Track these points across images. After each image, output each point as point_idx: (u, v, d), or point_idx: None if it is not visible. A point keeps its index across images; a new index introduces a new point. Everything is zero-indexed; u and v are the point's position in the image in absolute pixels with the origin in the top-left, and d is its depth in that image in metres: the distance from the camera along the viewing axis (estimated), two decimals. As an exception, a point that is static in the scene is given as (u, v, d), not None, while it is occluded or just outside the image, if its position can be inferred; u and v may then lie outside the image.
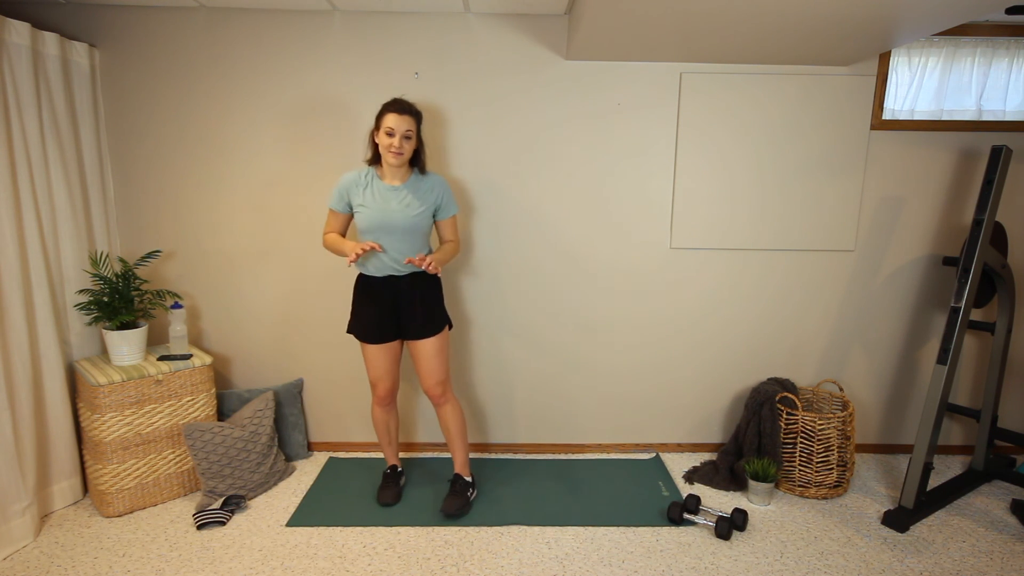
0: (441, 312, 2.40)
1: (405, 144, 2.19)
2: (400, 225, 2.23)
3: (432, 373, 2.38)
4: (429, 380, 2.39)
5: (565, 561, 2.15)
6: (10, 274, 2.21)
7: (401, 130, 2.17)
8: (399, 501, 2.52)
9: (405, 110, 2.18)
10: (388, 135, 2.17)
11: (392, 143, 2.17)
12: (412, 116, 2.20)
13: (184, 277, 2.81)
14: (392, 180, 2.28)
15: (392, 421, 2.54)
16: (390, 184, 2.27)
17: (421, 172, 2.33)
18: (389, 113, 2.17)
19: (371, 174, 2.30)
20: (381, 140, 2.20)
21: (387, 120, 2.17)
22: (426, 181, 2.32)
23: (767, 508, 2.53)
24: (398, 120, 2.16)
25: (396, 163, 2.22)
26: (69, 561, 2.13)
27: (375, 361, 2.39)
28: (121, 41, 2.61)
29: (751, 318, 2.92)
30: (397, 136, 2.17)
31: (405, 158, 2.22)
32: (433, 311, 2.36)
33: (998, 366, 2.68)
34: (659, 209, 2.81)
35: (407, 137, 2.19)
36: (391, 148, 2.18)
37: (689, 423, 3.02)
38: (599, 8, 1.97)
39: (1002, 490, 2.71)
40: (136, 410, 2.40)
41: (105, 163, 2.68)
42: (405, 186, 2.28)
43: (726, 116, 2.73)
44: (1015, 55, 2.74)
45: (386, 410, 2.50)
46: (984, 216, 2.35)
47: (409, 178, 2.30)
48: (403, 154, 2.20)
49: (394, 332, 2.36)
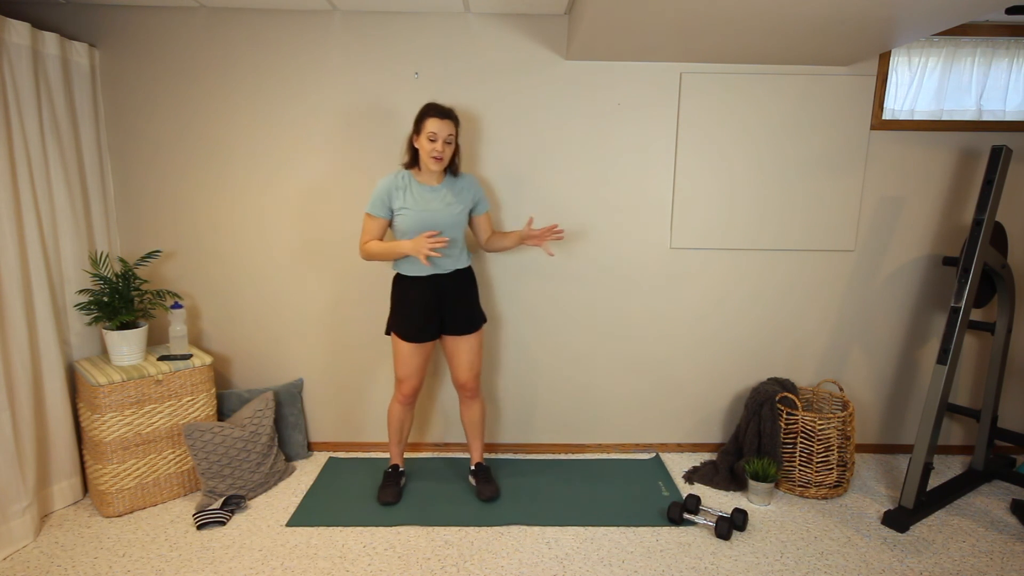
0: (479, 309, 2.50)
1: (446, 149, 2.25)
2: (444, 224, 2.30)
3: (471, 367, 2.49)
4: (467, 374, 2.49)
5: (565, 561, 2.15)
6: (10, 274, 2.21)
7: (443, 135, 2.23)
8: (399, 501, 2.52)
9: (446, 115, 2.24)
10: (430, 140, 2.22)
11: (435, 148, 2.22)
12: (452, 120, 2.26)
13: (184, 277, 2.82)
14: (429, 181, 2.34)
15: (408, 420, 2.58)
16: (428, 185, 2.33)
17: (454, 174, 2.39)
18: (431, 118, 2.22)
19: (407, 176, 2.34)
20: (423, 145, 2.25)
21: (429, 125, 2.22)
22: (460, 181, 2.40)
23: (767, 508, 2.53)
24: (440, 125, 2.22)
25: (437, 168, 2.27)
26: (69, 561, 2.13)
27: (409, 359, 2.43)
28: (121, 41, 2.61)
29: (751, 318, 2.92)
30: (439, 141, 2.23)
31: (445, 162, 2.28)
32: (473, 308, 2.45)
33: (998, 366, 2.68)
34: (659, 209, 2.81)
35: (448, 142, 2.25)
36: (433, 153, 2.23)
37: (689, 423, 3.02)
38: (599, 8, 1.97)
39: (1002, 490, 2.71)
40: (136, 410, 2.40)
41: (105, 163, 2.69)
42: (443, 186, 2.35)
43: (726, 116, 2.73)
44: (1015, 55, 2.74)
45: (406, 408, 2.54)
46: (984, 216, 2.35)
47: (444, 179, 2.37)
48: (444, 159, 2.26)
49: (436, 331, 2.42)
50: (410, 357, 2.43)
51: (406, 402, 2.52)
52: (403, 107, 2.69)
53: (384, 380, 2.93)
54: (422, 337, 2.40)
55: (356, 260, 2.81)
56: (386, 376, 2.93)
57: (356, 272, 2.82)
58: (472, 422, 2.60)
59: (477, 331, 2.47)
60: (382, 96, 2.68)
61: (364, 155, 2.72)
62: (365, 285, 2.83)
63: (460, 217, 2.35)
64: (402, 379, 2.47)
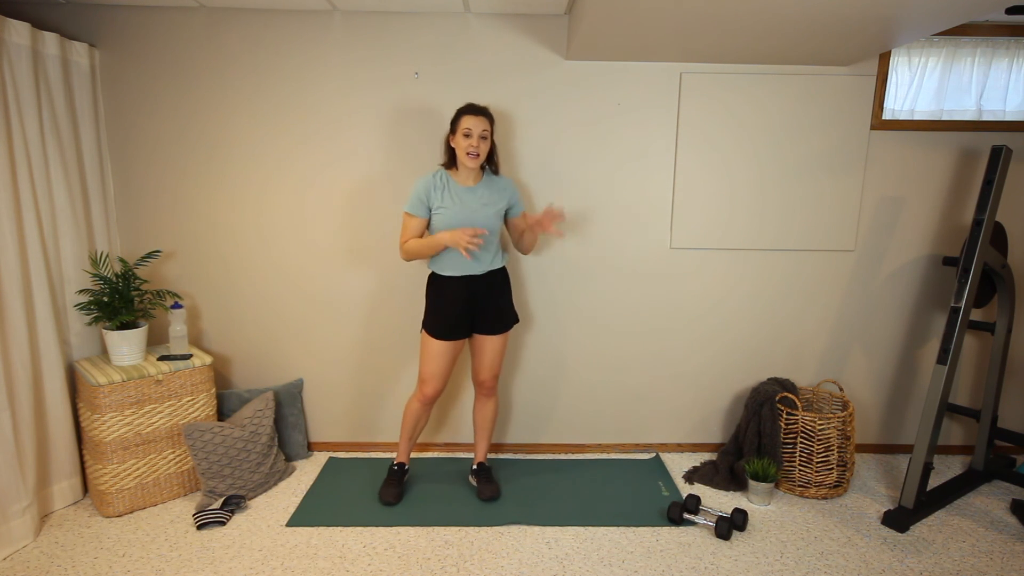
0: (512, 309, 2.50)
1: (481, 145, 2.27)
2: (481, 224, 2.31)
3: (493, 366, 2.51)
4: (488, 372, 2.51)
5: (565, 561, 2.15)
6: (10, 274, 2.21)
7: (478, 130, 2.25)
8: (400, 501, 2.52)
9: (481, 112, 2.28)
10: (465, 136, 2.25)
11: (471, 143, 2.24)
12: (487, 118, 2.29)
13: (184, 277, 2.82)
14: (466, 181, 2.35)
15: (423, 421, 2.57)
16: (465, 185, 2.34)
17: (494, 173, 2.41)
18: (466, 115, 2.26)
19: (444, 176, 2.35)
20: (458, 142, 2.27)
21: (464, 122, 2.26)
22: (499, 181, 2.41)
23: (767, 508, 2.53)
24: (475, 121, 2.25)
25: (473, 164, 2.28)
26: (69, 561, 2.13)
27: (437, 358, 2.42)
28: (121, 41, 2.61)
29: (751, 318, 2.92)
30: (474, 136, 2.25)
31: (482, 159, 2.30)
32: (506, 308, 2.46)
33: (998, 366, 2.68)
34: (659, 209, 2.81)
35: (483, 137, 2.27)
36: (468, 149, 2.24)
37: (689, 423, 3.02)
38: (599, 8, 1.97)
39: (1002, 490, 2.71)
40: (136, 410, 2.40)
41: (105, 163, 2.69)
42: (480, 186, 2.36)
43: (726, 116, 2.73)
44: (1015, 55, 2.74)
45: (425, 408, 2.53)
46: (984, 216, 2.35)
47: (482, 179, 2.38)
48: (480, 155, 2.27)
49: (467, 329, 2.43)
50: (438, 356, 2.42)
51: (426, 401, 2.49)
52: (403, 107, 2.69)
53: (384, 380, 2.94)
54: (453, 335, 2.40)
55: (356, 260, 2.81)
56: (386, 376, 2.93)
57: (357, 271, 2.82)
58: (483, 419, 2.60)
59: (506, 331, 2.47)
60: (382, 96, 2.68)
61: (364, 155, 2.72)
62: (366, 284, 2.83)
63: (496, 218, 2.35)
64: (425, 379, 2.44)
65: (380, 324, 2.87)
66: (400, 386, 2.94)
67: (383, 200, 2.76)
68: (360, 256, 2.81)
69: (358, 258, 2.81)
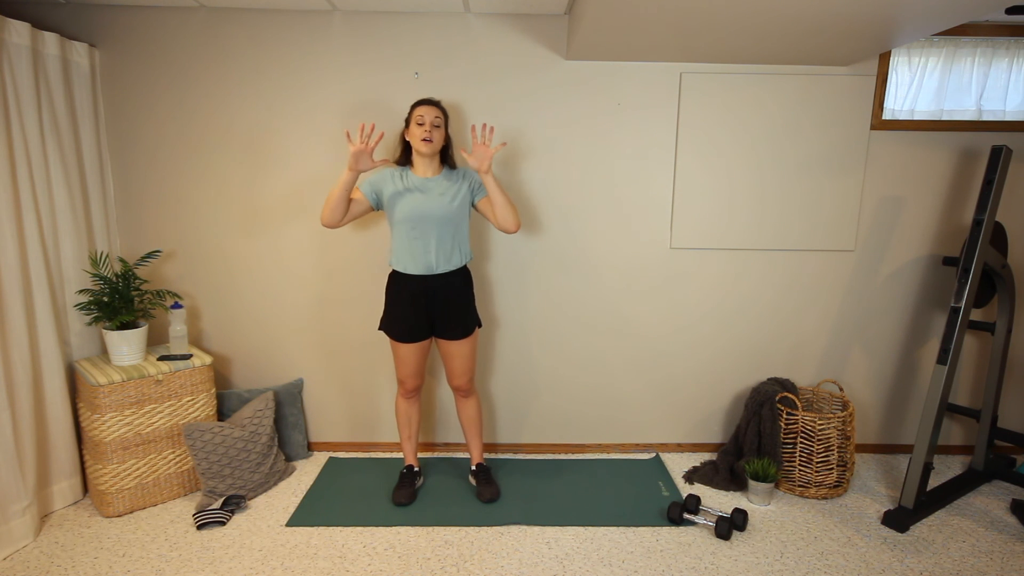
0: (473, 313, 2.46)
1: (435, 132, 2.28)
2: (438, 215, 2.29)
3: (463, 373, 2.49)
4: (459, 379, 2.51)
5: (565, 561, 2.15)
6: (10, 274, 2.21)
7: (430, 117, 2.27)
8: (414, 501, 2.52)
9: (432, 102, 2.31)
10: (419, 124, 2.27)
11: (423, 130, 2.26)
12: (438, 107, 2.31)
13: (184, 277, 2.82)
14: (424, 173, 2.34)
15: (414, 414, 2.58)
16: (423, 177, 2.34)
17: (451, 167, 2.40)
18: (419, 106, 2.31)
19: (404, 170, 2.37)
20: (412, 132, 2.29)
21: (417, 111, 2.29)
22: (457, 173, 2.40)
23: (767, 508, 2.53)
24: (427, 109, 2.28)
25: (428, 151, 2.28)
26: (69, 561, 2.13)
27: (405, 360, 2.44)
28: (121, 41, 2.61)
29: (751, 318, 2.92)
30: (427, 123, 2.26)
31: (436, 146, 2.29)
32: (466, 312, 2.42)
33: (998, 366, 2.68)
34: (659, 209, 2.81)
35: (436, 125, 2.28)
36: (422, 135, 2.26)
37: (689, 423, 3.02)
38: (599, 8, 1.97)
39: (1002, 490, 2.71)
40: (136, 410, 2.40)
41: (105, 163, 2.69)
42: (439, 177, 2.35)
43: (726, 116, 2.73)
44: (1015, 55, 2.74)
45: (410, 402, 2.57)
46: (984, 216, 2.35)
47: (441, 172, 2.37)
48: (433, 141, 2.28)
49: (427, 331, 2.42)
50: (406, 358, 2.43)
51: (408, 397, 2.54)
52: (403, 107, 2.69)
53: (385, 380, 2.93)
54: (411, 338, 2.39)
55: (356, 260, 2.81)
56: (387, 376, 2.93)
57: (357, 272, 2.82)
58: (469, 419, 2.60)
59: (469, 336, 2.44)
60: (382, 96, 2.68)
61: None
62: (366, 285, 2.83)
63: (455, 210, 2.30)
64: (402, 379, 2.49)
65: (380, 324, 2.87)
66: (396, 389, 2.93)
67: (383, 200, 2.76)
68: (360, 256, 2.81)
69: (358, 258, 2.81)
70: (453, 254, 2.35)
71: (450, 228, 2.32)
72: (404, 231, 2.30)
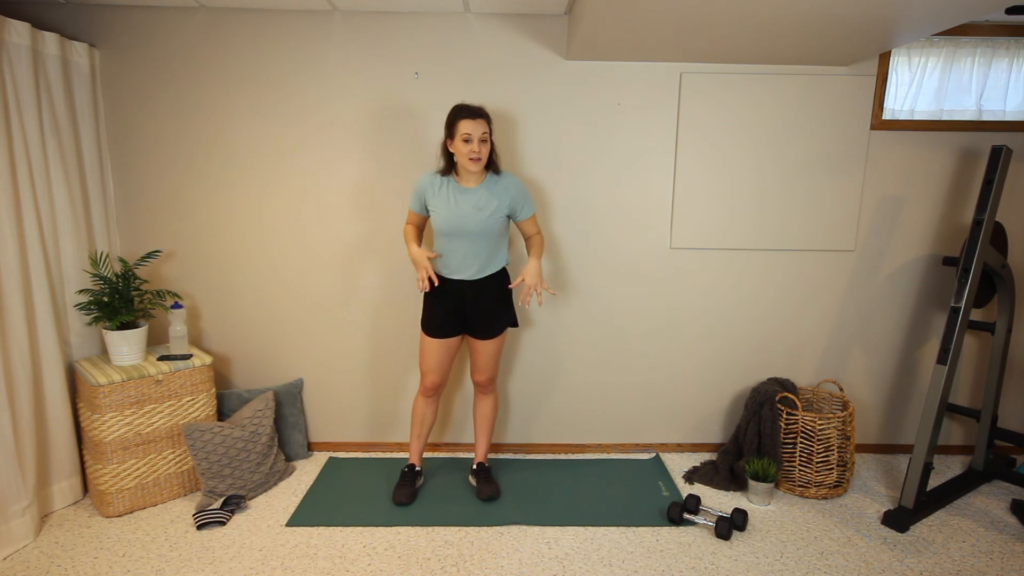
0: (505, 315, 2.46)
1: (483, 148, 2.21)
2: (473, 229, 2.27)
3: (486, 368, 2.51)
4: (482, 375, 2.52)
5: (565, 561, 2.15)
6: (10, 274, 2.21)
7: (478, 134, 2.19)
8: (414, 501, 2.52)
9: (478, 114, 2.20)
10: (465, 141, 2.19)
11: (471, 148, 2.18)
12: (485, 119, 2.22)
13: (184, 277, 2.81)
14: (467, 183, 2.31)
15: (429, 415, 2.58)
16: (465, 186, 2.30)
17: (495, 173, 2.35)
18: (463, 119, 2.19)
19: (448, 179, 2.33)
20: (458, 148, 2.21)
21: (462, 127, 2.18)
22: (500, 182, 2.33)
23: (767, 508, 2.53)
24: (473, 125, 2.18)
25: (476, 169, 2.24)
26: (69, 561, 2.13)
27: (432, 354, 2.45)
28: (121, 41, 2.61)
29: (751, 318, 2.92)
30: (475, 140, 2.18)
31: (484, 162, 2.23)
32: (499, 315, 2.43)
33: (998, 366, 2.68)
34: (659, 209, 2.81)
35: (483, 141, 2.21)
36: (471, 155, 2.19)
37: (689, 423, 3.02)
38: (599, 8, 1.97)
39: (1002, 490, 2.71)
40: (136, 410, 2.40)
41: (105, 163, 2.68)
42: (480, 187, 2.30)
43: (726, 116, 2.73)
44: (1015, 55, 2.74)
45: (428, 402, 2.55)
46: (984, 216, 2.35)
47: (484, 180, 2.32)
48: (482, 159, 2.21)
49: (458, 329, 2.44)
50: (432, 352, 2.45)
51: (428, 395, 2.52)
52: (404, 107, 2.69)
53: (385, 379, 2.94)
54: (443, 333, 2.41)
55: (356, 259, 2.81)
56: (387, 375, 2.93)
57: (357, 271, 2.82)
58: (482, 416, 2.61)
59: (498, 336, 2.45)
60: (382, 96, 2.68)
61: (364, 154, 2.72)
62: (366, 284, 2.83)
63: (491, 222, 2.27)
64: (424, 372, 2.49)
65: (380, 324, 2.87)
66: (400, 386, 2.94)
67: (383, 199, 2.76)
68: (360, 256, 2.81)
69: (358, 258, 2.81)
70: (486, 264, 2.36)
71: (484, 241, 2.31)
72: (442, 240, 2.33)
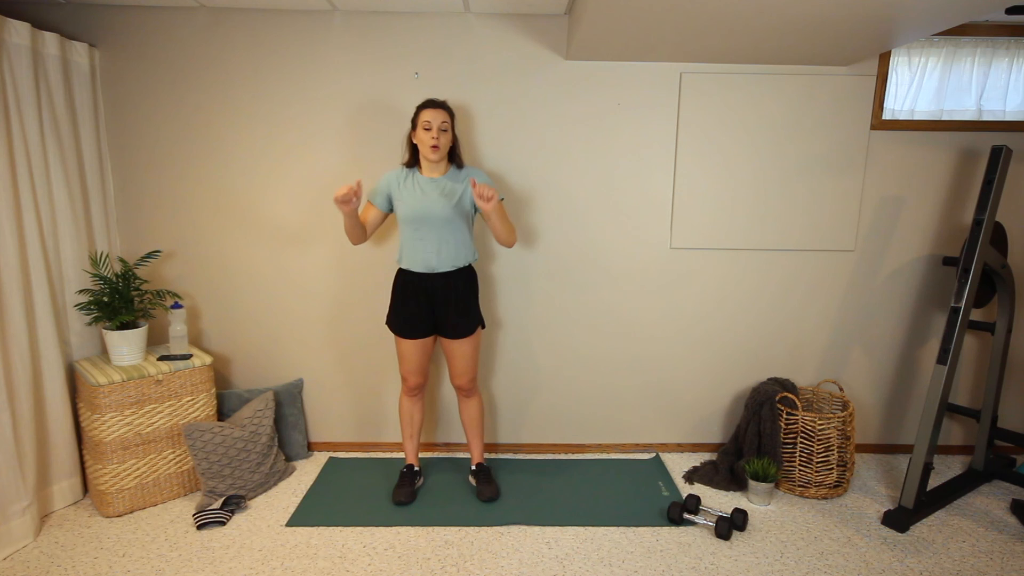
0: (476, 312, 2.46)
1: (442, 137, 2.27)
2: (440, 215, 2.30)
3: (465, 372, 2.49)
4: (461, 378, 2.51)
5: (565, 561, 2.15)
6: (10, 274, 2.21)
7: (437, 122, 2.25)
8: (414, 501, 2.52)
9: (439, 105, 2.29)
10: (425, 129, 2.26)
11: (430, 136, 2.25)
12: (446, 111, 2.30)
13: (184, 277, 2.81)
14: (431, 173, 2.35)
15: (417, 414, 2.59)
16: (429, 177, 2.35)
17: (459, 167, 2.40)
18: (425, 109, 2.27)
19: (412, 171, 2.38)
20: (419, 136, 2.29)
21: (423, 115, 2.27)
22: (463, 172, 2.40)
23: (767, 508, 2.53)
24: (434, 114, 2.26)
25: (435, 157, 2.29)
26: (69, 561, 2.13)
27: (409, 356, 2.45)
28: (121, 41, 2.61)
29: (751, 318, 2.92)
30: (434, 128, 2.25)
31: (443, 152, 2.29)
32: (468, 312, 2.42)
33: (998, 366, 2.68)
34: (659, 209, 2.81)
35: (443, 130, 2.27)
36: (430, 142, 2.25)
37: (689, 423, 3.02)
38: (599, 8, 1.97)
39: (1002, 490, 2.71)
40: (136, 410, 2.40)
41: (105, 163, 2.68)
42: (444, 178, 2.35)
43: (726, 116, 2.73)
44: (1015, 55, 2.74)
45: (413, 401, 2.57)
46: (984, 216, 2.35)
47: (448, 172, 2.37)
48: (440, 147, 2.27)
49: (429, 328, 2.43)
50: (409, 354, 2.45)
51: (411, 395, 2.55)
52: (404, 107, 2.69)
53: (385, 380, 2.93)
54: (413, 334, 2.41)
55: (356, 259, 2.81)
56: (387, 375, 2.93)
57: (356, 271, 2.82)
58: (470, 419, 2.60)
59: (470, 336, 2.44)
60: (382, 96, 2.68)
61: (364, 155, 2.72)
62: (366, 284, 2.83)
63: (456, 210, 2.31)
64: (405, 375, 2.50)
65: (380, 324, 2.87)
66: (400, 386, 2.94)
67: (383, 200, 2.76)
68: (360, 256, 2.81)
69: (358, 258, 2.81)
70: (455, 254, 2.36)
71: (452, 229, 2.32)
72: (408, 230, 2.34)
